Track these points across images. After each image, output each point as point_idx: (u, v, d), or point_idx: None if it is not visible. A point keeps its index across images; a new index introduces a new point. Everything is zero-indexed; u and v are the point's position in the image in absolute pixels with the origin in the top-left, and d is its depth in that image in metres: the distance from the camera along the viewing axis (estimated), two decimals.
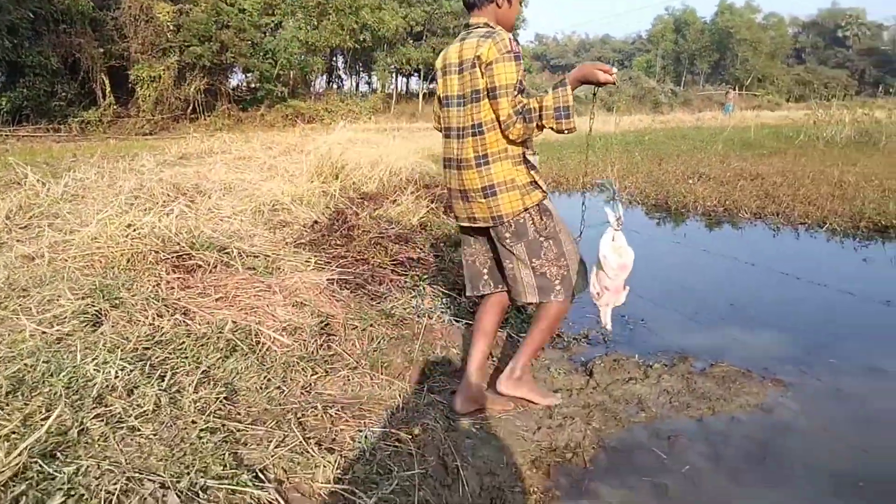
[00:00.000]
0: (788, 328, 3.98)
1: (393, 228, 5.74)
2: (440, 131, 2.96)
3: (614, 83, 2.57)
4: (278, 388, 2.62)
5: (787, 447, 2.69)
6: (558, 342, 3.89)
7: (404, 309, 4.05)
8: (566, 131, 2.54)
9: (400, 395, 2.76)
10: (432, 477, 2.36)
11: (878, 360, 3.49)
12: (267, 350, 3.10)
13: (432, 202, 8.45)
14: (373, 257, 4.80)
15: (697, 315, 4.24)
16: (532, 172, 2.70)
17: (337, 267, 4.61)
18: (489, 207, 2.69)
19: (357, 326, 3.64)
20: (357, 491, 1.95)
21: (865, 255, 5.73)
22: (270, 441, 2.10)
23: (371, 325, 3.66)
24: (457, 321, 3.95)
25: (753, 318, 4.19)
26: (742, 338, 3.78)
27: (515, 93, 2.52)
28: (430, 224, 7.47)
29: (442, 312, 4.03)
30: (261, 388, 2.58)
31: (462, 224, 2.89)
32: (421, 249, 5.24)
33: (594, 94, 2.86)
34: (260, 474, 1.89)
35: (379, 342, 3.50)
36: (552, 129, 2.55)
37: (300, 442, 2.12)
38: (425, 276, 4.65)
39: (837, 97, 17.58)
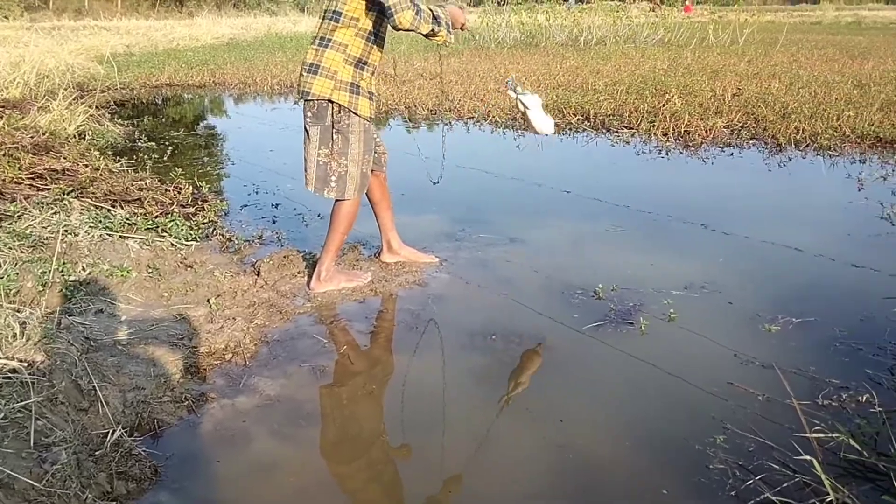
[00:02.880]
0: (446, 211, 4.30)
1: (31, 137, 4.90)
2: None
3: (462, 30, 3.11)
4: None
5: (437, 313, 2.92)
6: (229, 245, 3.72)
7: (44, 227, 3.52)
8: (447, 42, 2.92)
9: (21, 324, 2.39)
10: (63, 403, 2.11)
11: (520, 231, 3.93)
12: None
13: (95, 108, 7.46)
14: (2, 172, 4.06)
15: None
16: (357, 77, 2.89)
17: None
18: (305, 82, 2.88)
19: None
20: None
21: (520, 143, 6.39)
22: None
23: None
24: (110, 235, 3.54)
25: (420, 205, 4.45)
26: (410, 222, 3.97)
27: None
28: (90, 132, 6.61)
29: (91, 227, 3.57)
30: None
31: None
32: (66, 159, 4.56)
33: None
34: None
35: (6, 268, 2.99)
36: (437, 37, 2.84)
37: None
38: (71, 189, 4.08)
39: (510, 2, 19.01)
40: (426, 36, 2.84)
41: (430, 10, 2.81)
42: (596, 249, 3.68)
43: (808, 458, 1.78)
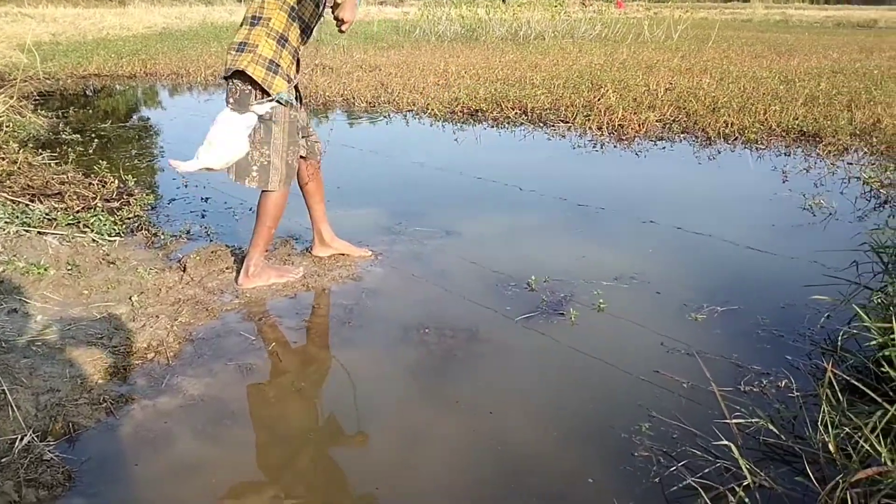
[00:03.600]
0: (382, 205, 4.26)
1: None
2: None
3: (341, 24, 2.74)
4: None
5: (370, 307, 2.88)
6: (155, 241, 3.59)
7: None
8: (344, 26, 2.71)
9: None
10: None
11: (456, 224, 3.92)
12: None
13: (16, 98, 7.10)
14: None
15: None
16: (278, 54, 2.79)
17: None
18: (232, 59, 2.78)
19: None
20: None
21: (458, 136, 6.39)
22: None
23: None
24: (27, 231, 3.38)
25: (356, 199, 4.39)
26: (346, 216, 3.91)
27: None
28: (9, 123, 6.30)
29: (6, 223, 3.40)
30: None
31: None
32: None
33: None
34: None
35: None
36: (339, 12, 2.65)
37: None
38: None
39: None
40: None
41: None
42: (530, 241, 3.70)
43: (727, 443, 1.83)
